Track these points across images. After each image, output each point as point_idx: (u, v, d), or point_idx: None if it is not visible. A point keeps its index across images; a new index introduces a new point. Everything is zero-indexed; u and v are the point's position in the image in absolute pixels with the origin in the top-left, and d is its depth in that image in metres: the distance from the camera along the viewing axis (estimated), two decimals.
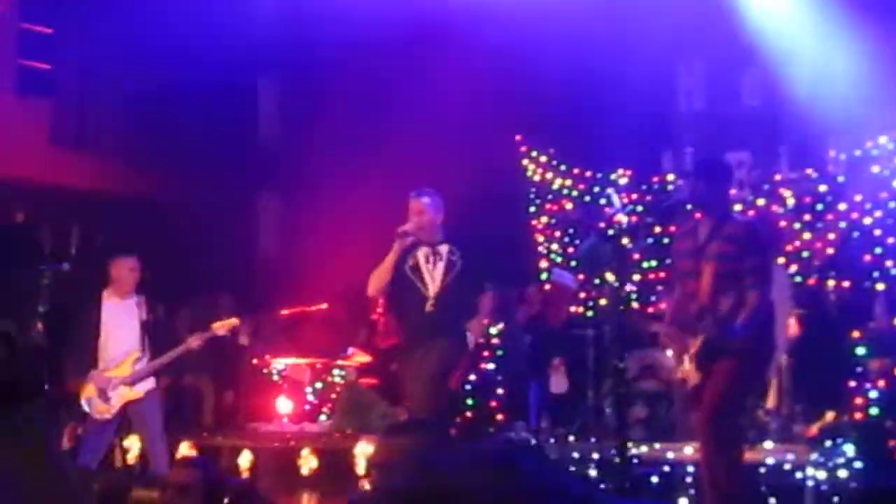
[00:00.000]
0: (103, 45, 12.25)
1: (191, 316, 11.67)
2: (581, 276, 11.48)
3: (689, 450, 8.47)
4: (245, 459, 10.46)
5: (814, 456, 8.25)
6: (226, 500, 4.55)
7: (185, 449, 10.63)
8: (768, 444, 8.89)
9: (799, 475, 8.03)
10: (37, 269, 8.71)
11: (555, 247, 12.21)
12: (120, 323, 8.68)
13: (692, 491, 8.18)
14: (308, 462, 10.42)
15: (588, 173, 12.12)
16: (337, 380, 12.16)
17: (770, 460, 8.17)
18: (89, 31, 12.31)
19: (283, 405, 11.97)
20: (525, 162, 12.48)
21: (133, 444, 10.92)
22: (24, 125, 12.47)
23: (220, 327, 8.94)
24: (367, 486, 8.41)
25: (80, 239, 12.26)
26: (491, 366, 10.92)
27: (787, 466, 8.12)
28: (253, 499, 5.28)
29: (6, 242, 11.00)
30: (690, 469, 8.26)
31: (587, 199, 12.07)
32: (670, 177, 11.80)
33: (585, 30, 11.89)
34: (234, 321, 9.11)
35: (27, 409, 3.56)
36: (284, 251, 14.51)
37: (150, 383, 8.72)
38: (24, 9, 12.81)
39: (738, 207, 10.36)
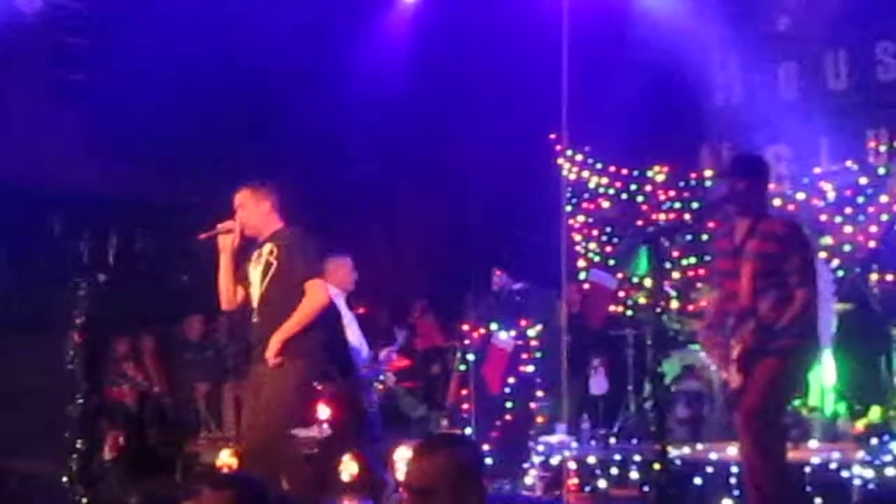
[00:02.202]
0: (139, 55, 12.28)
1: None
2: (620, 276, 11.39)
3: (732, 450, 8.35)
4: None
5: (860, 454, 8.11)
6: None
7: (227, 457, 10.63)
8: (813, 443, 8.77)
9: (845, 474, 7.89)
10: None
11: (592, 246, 12.10)
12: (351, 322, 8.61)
13: (736, 492, 8.06)
14: (348, 468, 10.38)
15: (624, 171, 12.01)
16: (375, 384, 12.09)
17: (815, 459, 8.04)
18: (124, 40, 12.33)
19: (323, 411, 11.93)
20: (560, 161, 12.37)
21: (174, 452, 10.94)
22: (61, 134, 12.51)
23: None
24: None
25: (119, 248, 12.32)
26: (531, 368, 10.84)
27: (833, 465, 7.98)
28: None
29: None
30: (734, 469, 8.14)
31: (624, 196, 11.96)
32: (708, 172, 11.67)
33: (622, 24, 11.83)
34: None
35: None
36: None
37: None
38: (60, 19, 12.85)
39: (777, 202, 10.25)
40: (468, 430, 10.59)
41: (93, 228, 11.95)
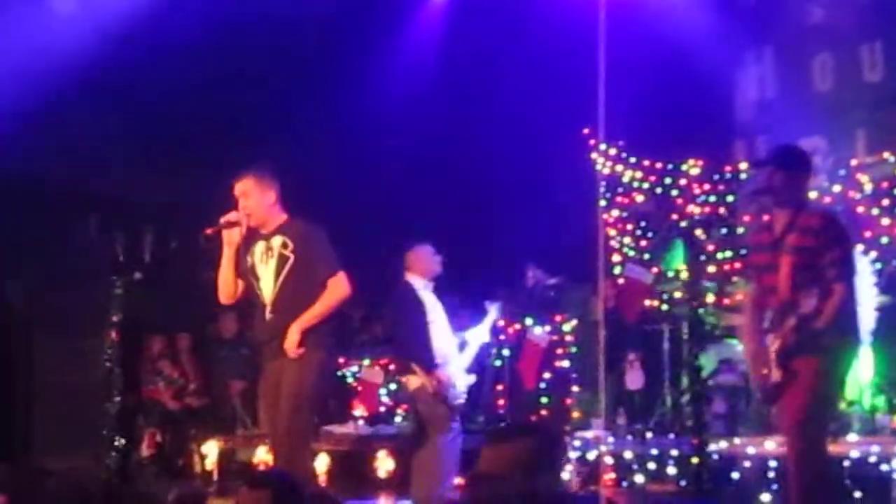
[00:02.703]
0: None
1: None
2: (655, 270, 11.34)
3: (770, 444, 8.31)
4: (321, 463, 10.45)
5: None
6: None
7: (263, 454, 10.67)
8: (852, 437, 8.70)
9: (885, 468, 7.81)
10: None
11: (627, 240, 12.05)
12: (441, 313, 8.48)
13: (774, 486, 8.01)
14: (384, 464, 10.41)
15: (659, 165, 11.95)
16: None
17: (854, 453, 7.96)
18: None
19: (359, 407, 11.97)
20: (594, 155, 12.33)
21: (211, 449, 10.99)
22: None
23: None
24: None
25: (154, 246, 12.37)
26: (566, 363, 10.82)
27: (872, 459, 7.91)
28: None
29: None
30: (772, 464, 8.09)
31: (658, 190, 11.90)
32: (743, 165, 11.60)
33: (653, 19, 11.79)
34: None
35: None
36: None
37: None
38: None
39: (813, 195, 10.17)
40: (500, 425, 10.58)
41: (127, 228, 12.09)
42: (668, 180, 11.81)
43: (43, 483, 7.74)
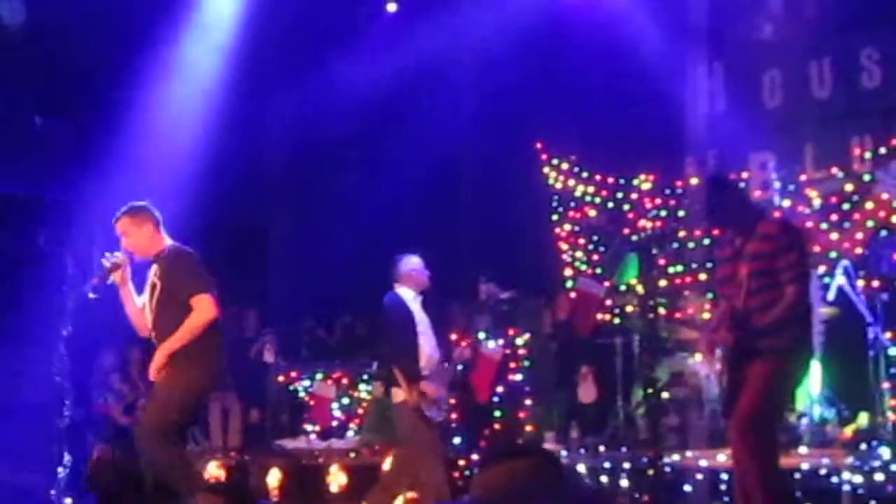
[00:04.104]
0: None
1: None
2: (607, 284, 11.40)
3: (721, 457, 8.36)
4: (274, 478, 10.40)
5: (849, 460, 8.12)
6: None
7: (214, 469, 10.59)
8: (802, 449, 8.77)
9: (835, 480, 7.89)
10: None
11: (579, 254, 12.11)
12: (425, 323, 8.31)
13: (726, 499, 8.06)
14: (337, 479, 10.36)
15: (610, 179, 12.03)
16: (363, 395, 12.09)
17: (805, 465, 8.04)
18: None
19: (310, 422, 11.94)
20: (546, 169, 12.39)
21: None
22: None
23: None
24: None
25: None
26: (519, 376, 10.85)
27: (823, 471, 7.98)
28: None
29: None
30: (724, 476, 8.14)
31: (610, 205, 11.98)
32: (694, 180, 11.70)
33: (603, 34, 11.87)
34: None
35: None
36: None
37: None
38: None
39: None
40: (456, 440, 10.58)
41: (78, 240, 11.97)
42: (619, 195, 11.90)
43: None
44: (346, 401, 12.07)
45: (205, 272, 6.95)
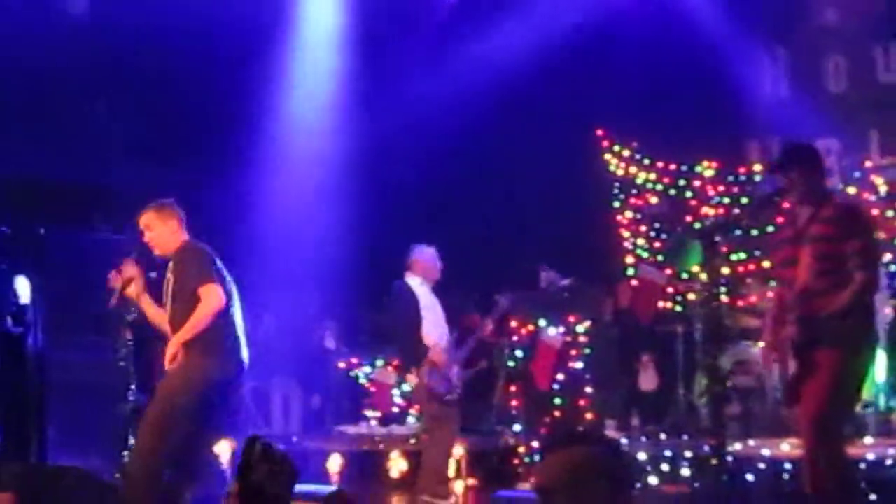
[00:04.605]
0: None
1: None
2: (668, 271, 11.34)
3: (785, 446, 8.29)
4: (334, 463, 10.44)
5: None
6: None
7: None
8: (868, 440, 8.67)
9: None
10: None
11: (641, 242, 12.05)
12: (435, 309, 8.59)
13: (788, 488, 8.00)
14: (397, 464, 10.40)
15: (672, 166, 11.95)
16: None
17: (870, 455, 7.95)
18: None
19: (370, 408, 11.99)
20: (607, 156, 12.34)
21: (223, 449, 10.97)
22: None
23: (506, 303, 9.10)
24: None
25: None
26: (579, 364, 10.81)
27: (889, 461, 7.90)
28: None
29: None
30: (787, 466, 8.08)
31: (672, 192, 11.90)
32: (757, 167, 11.59)
33: (667, 20, 11.78)
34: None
35: None
36: None
37: None
38: None
39: None
40: (516, 427, 10.58)
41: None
42: (682, 181, 11.82)
43: (56, 481, 7.77)
44: (406, 387, 12.09)
45: (213, 264, 6.96)
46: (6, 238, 9.64)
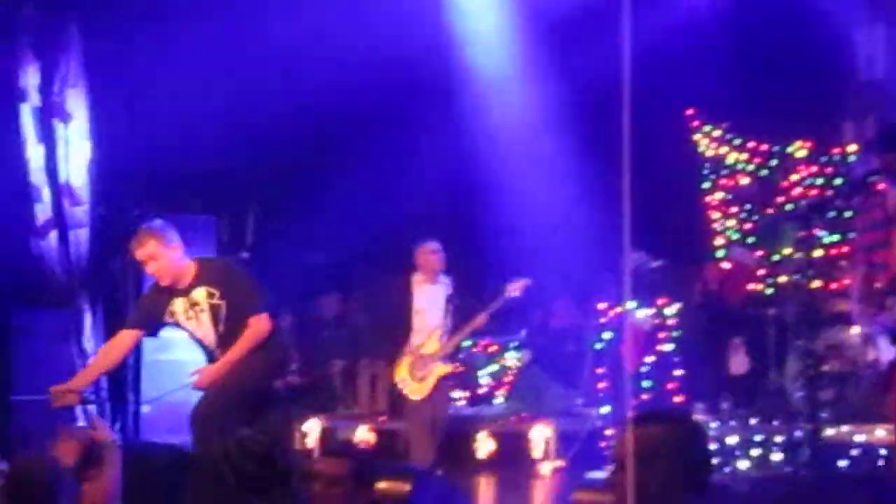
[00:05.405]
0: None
1: None
2: (760, 253, 11.19)
3: (880, 432, 8.15)
4: None
5: None
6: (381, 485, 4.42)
7: (363, 433, 10.75)
8: None
9: None
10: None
11: (731, 223, 11.90)
12: (428, 305, 8.73)
13: (883, 475, 7.87)
14: (485, 445, 10.42)
15: (764, 146, 11.78)
16: (510, 362, 12.11)
17: None
18: None
19: (458, 389, 12.00)
20: (697, 136, 12.19)
21: (312, 427, 11.08)
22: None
23: (514, 289, 8.89)
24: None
25: (256, 225, 12.50)
26: (668, 346, 10.71)
27: None
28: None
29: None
30: (882, 451, 7.95)
31: (764, 173, 11.73)
32: (851, 147, 11.37)
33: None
34: (525, 280, 8.92)
35: None
36: None
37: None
38: None
39: None
40: (604, 409, 10.53)
41: (231, 207, 12.20)
42: (774, 162, 11.64)
43: (152, 457, 7.92)
44: (493, 368, 12.10)
45: (256, 286, 6.97)
46: None
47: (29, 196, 10.24)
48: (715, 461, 8.81)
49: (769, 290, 10.97)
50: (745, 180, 11.85)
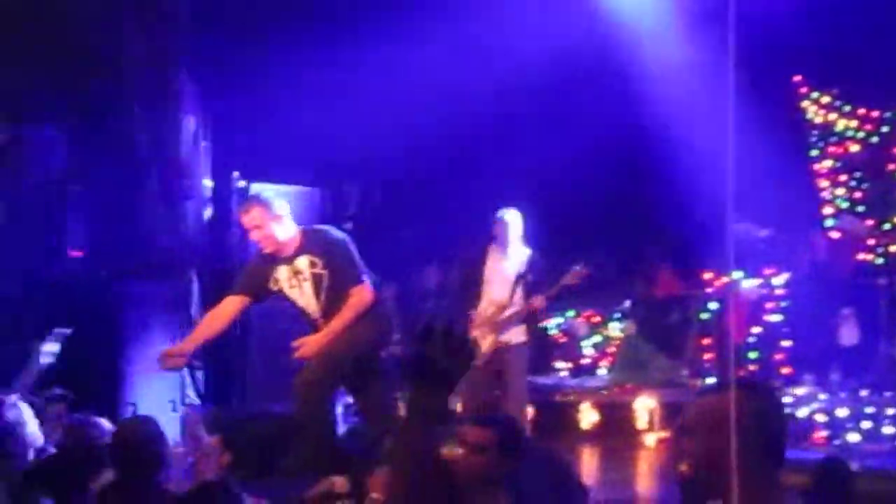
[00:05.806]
0: None
1: None
2: (870, 222, 10.95)
3: None
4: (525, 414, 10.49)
5: None
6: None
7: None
8: None
9: None
10: None
11: (840, 192, 11.66)
12: (495, 277, 8.75)
13: None
14: (588, 416, 10.40)
15: (875, 113, 11.50)
16: (614, 333, 12.04)
17: None
18: None
19: (561, 359, 12.00)
20: (805, 104, 11.95)
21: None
22: None
23: (571, 277, 8.86)
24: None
25: (360, 198, 12.56)
26: (776, 317, 10.56)
27: None
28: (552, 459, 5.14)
29: None
30: None
31: (874, 140, 11.47)
32: None
33: None
34: (583, 270, 8.89)
35: None
36: None
37: (520, 336, 8.73)
38: None
39: None
40: (710, 380, 10.42)
41: (334, 180, 12.26)
42: (885, 129, 11.38)
43: (248, 427, 8.05)
44: (597, 339, 12.05)
45: (357, 255, 7.02)
46: None
47: (137, 169, 10.40)
48: (825, 434, 8.71)
49: (880, 260, 10.75)
50: (854, 147, 11.60)
